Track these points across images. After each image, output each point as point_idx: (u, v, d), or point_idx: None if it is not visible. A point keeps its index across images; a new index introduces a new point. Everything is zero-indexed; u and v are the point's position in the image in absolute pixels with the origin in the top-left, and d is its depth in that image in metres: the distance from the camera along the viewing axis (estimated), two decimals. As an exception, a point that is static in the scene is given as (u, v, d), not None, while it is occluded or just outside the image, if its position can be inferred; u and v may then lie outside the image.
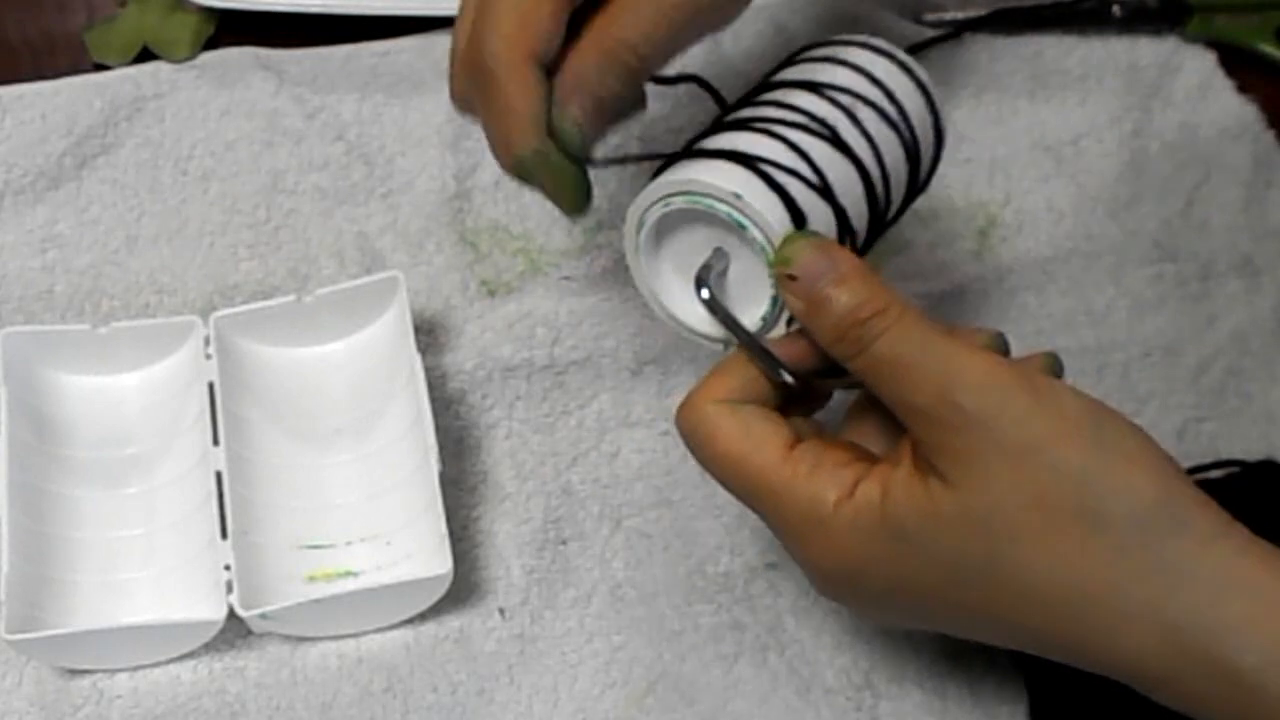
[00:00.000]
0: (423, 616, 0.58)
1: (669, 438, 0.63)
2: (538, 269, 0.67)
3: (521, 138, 0.50)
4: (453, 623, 0.58)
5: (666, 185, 0.49)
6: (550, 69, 0.50)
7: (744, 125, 0.50)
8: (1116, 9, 0.75)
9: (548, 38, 0.49)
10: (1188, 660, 0.42)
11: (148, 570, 0.58)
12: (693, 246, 0.50)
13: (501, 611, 0.59)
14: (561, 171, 0.51)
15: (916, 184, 0.54)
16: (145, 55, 0.71)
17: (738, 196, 0.47)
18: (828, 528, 0.46)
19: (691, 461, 0.62)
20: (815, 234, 0.48)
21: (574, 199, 0.52)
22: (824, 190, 0.49)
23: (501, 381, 0.64)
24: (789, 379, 0.48)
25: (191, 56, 0.71)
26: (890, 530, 0.45)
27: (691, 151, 0.50)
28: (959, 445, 0.43)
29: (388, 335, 0.62)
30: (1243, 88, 0.74)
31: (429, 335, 0.65)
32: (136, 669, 0.57)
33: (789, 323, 0.49)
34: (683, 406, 0.49)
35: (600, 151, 0.52)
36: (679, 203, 0.48)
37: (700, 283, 0.49)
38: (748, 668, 0.58)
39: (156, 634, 0.56)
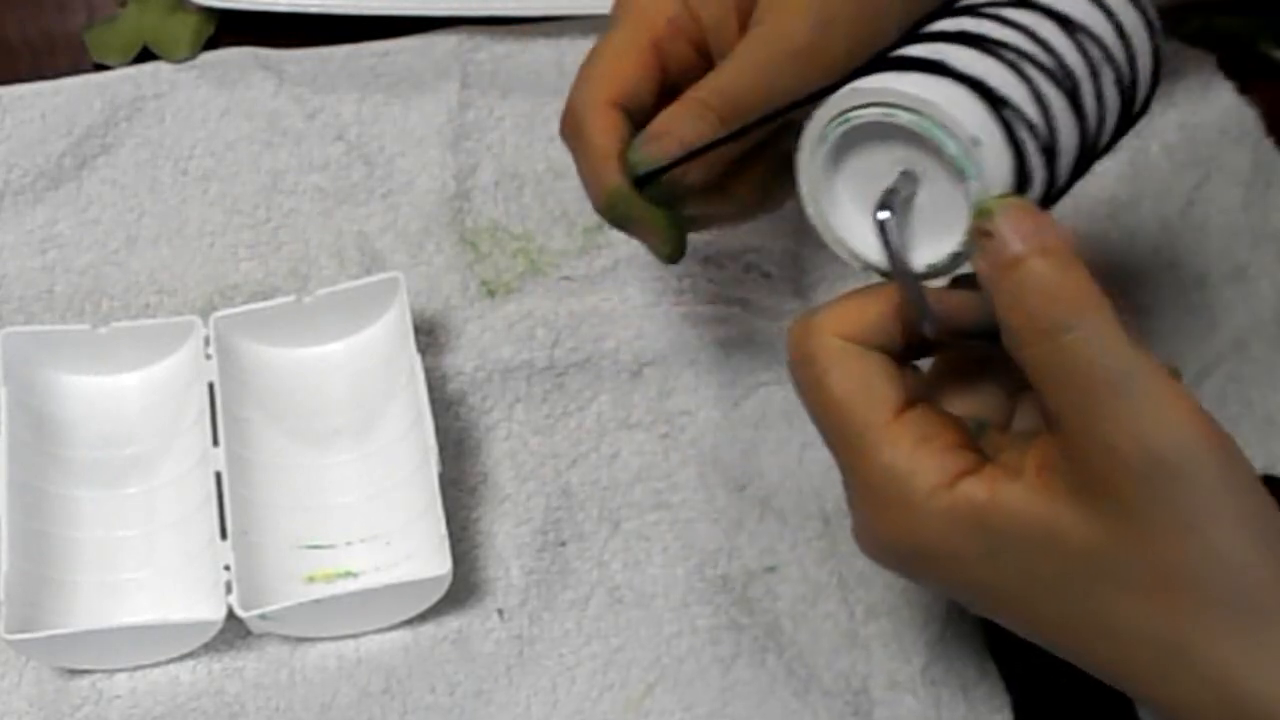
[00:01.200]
0: (422, 617, 0.58)
1: (669, 440, 0.63)
2: (538, 269, 0.67)
3: (601, 175, 0.51)
4: (452, 624, 0.58)
5: (892, 93, 0.43)
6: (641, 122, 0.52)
7: (985, 45, 0.44)
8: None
9: (632, 84, 0.52)
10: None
11: (147, 570, 0.58)
12: (877, 164, 0.45)
13: (500, 613, 0.59)
14: (647, 214, 0.51)
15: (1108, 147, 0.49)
16: (145, 55, 0.71)
17: (976, 143, 0.42)
18: (915, 510, 0.43)
19: (691, 465, 0.62)
20: (1027, 200, 0.43)
21: (663, 244, 0.53)
22: (1050, 153, 0.44)
23: (501, 383, 0.64)
24: (931, 332, 0.44)
25: (191, 56, 0.71)
26: (987, 535, 0.43)
27: (923, 62, 0.44)
28: (1130, 489, 0.40)
29: (388, 336, 0.62)
30: (1243, 89, 0.74)
31: (429, 335, 0.65)
32: (136, 669, 0.57)
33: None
34: (802, 328, 0.45)
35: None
36: (902, 118, 0.43)
37: (882, 205, 0.44)
38: (745, 670, 0.58)
39: (156, 634, 0.56)
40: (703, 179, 0.51)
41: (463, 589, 0.59)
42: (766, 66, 0.51)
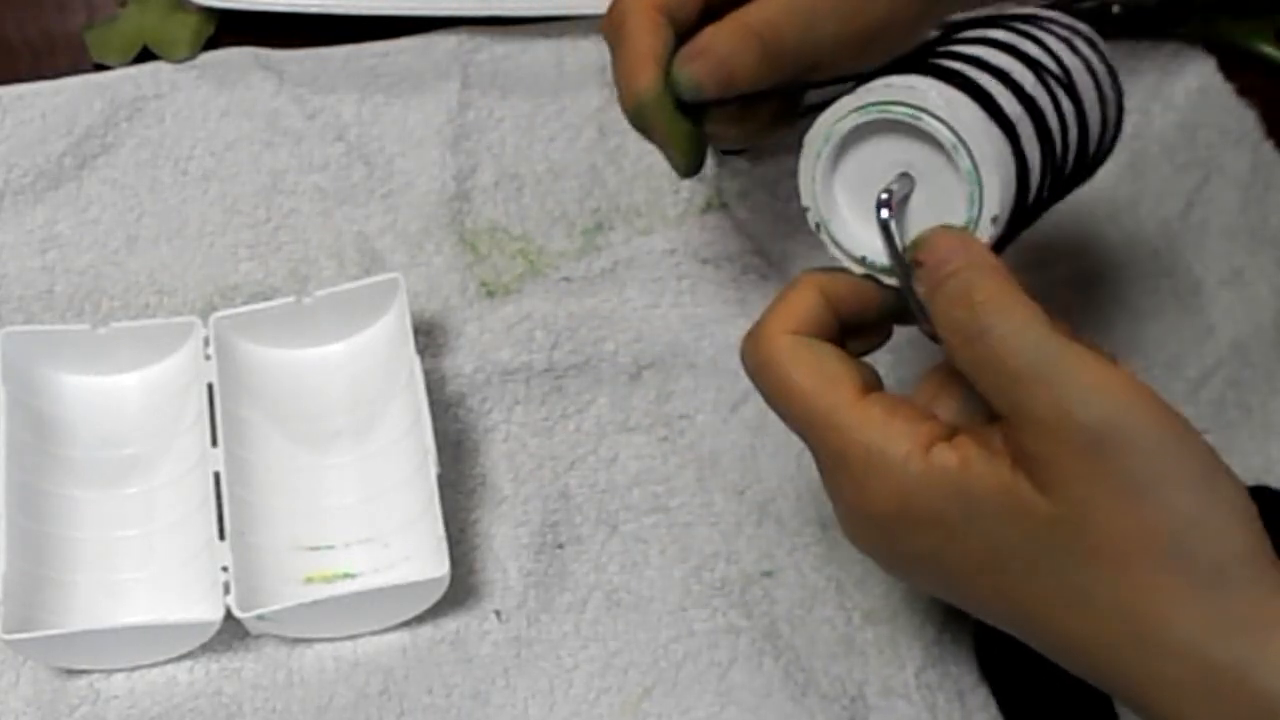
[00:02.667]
0: (419, 619, 0.58)
1: (667, 444, 0.63)
2: (537, 270, 0.67)
3: (635, 77, 0.52)
4: (449, 625, 0.58)
5: (919, 95, 0.46)
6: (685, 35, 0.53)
7: (993, 70, 0.48)
8: (1116, 9, 0.75)
9: None
10: (1215, 698, 0.41)
11: (146, 571, 0.58)
12: (871, 168, 0.48)
13: (498, 614, 0.59)
14: (674, 124, 0.53)
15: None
16: (145, 55, 0.71)
17: (982, 153, 0.45)
18: (892, 474, 0.45)
19: (689, 469, 0.62)
20: (960, 228, 0.47)
21: (682, 157, 0.54)
22: (1050, 155, 0.49)
23: (500, 385, 0.64)
24: (926, 329, 0.47)
25: (191, 56, 0.71)
26: (961, 501, 0.44)
27: (946, 71, 0.48)
28: (1070, 466, 0.42)
29: (387, 337, 0.62)
30: (1242, 91, 0.74)
31: (428, 336, 0.65)
32: (133, 669, 0.57)
33: None
34: (752, 337, 0.48)
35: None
36: (928, 123, 0.46)
37: (882, 204, 0.47)
38: (742, 674, 0.58)
39: (154, 635, 0.56)
40: (741, 94, 0.52)
41: (461, 590, 0.59)
42: (814, 7, 0.52)
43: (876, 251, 0.48)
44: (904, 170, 0.47)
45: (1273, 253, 0.69)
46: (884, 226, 0.46)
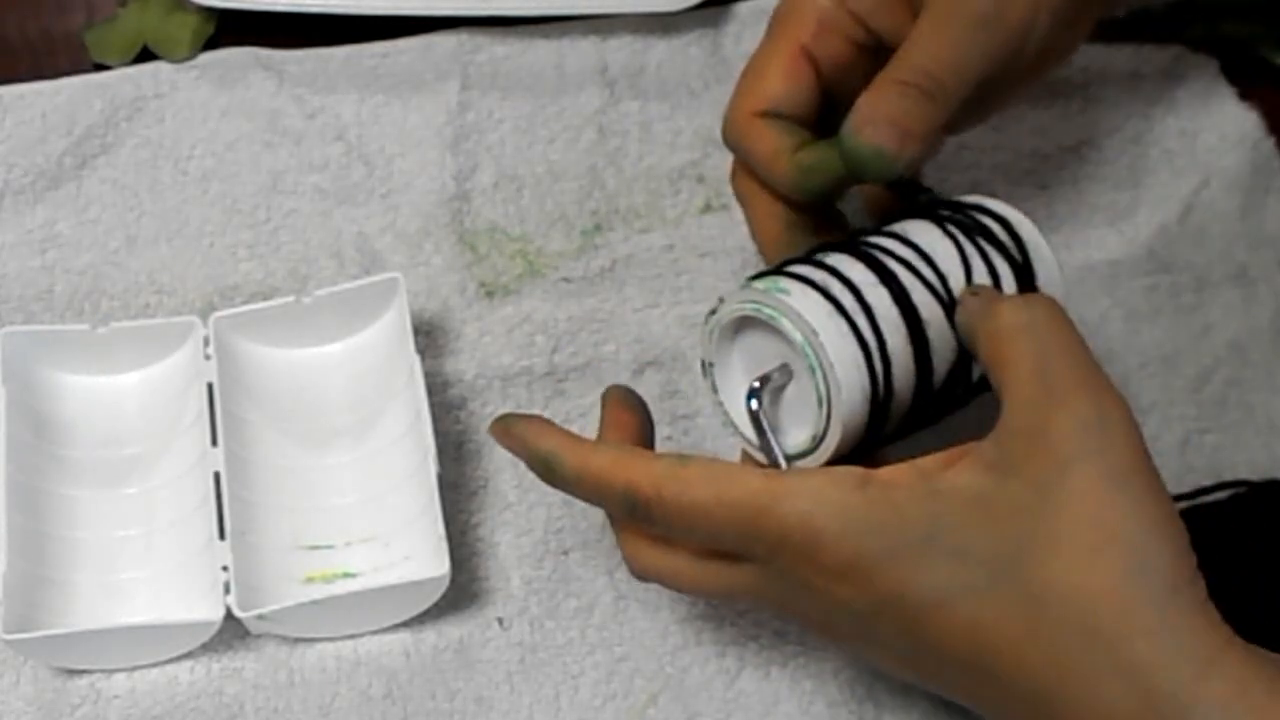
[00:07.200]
0: (422, 626, 0.58)
1: (671, 443, 0.63)
2: (536, 271, 0.67)
3: (776, 175, 0.55)
4: (453, 633, 0.58)
5: (785, 304, 0.49)
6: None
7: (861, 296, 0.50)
8: (1121, 13, 0.75)
9: (782, 93, 0.55)
10: None
11: (146, 570, 0.58)
12: (763, 354, 0.51)
13: (500, 621, 0.59)
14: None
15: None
16: (145, 55, 0.71)
17: (815, 334, 0.48)
18: (844, 517, 0.44)
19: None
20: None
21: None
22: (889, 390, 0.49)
23: (502, 389, 0.64)
24: None
25: (191, 56, 0.71)
26: (927, 510, 0.44)
27: (815, 285, 0.50)
28: (1049, 450, 0.43)
29: (387, 337, 0.62)
30: (1244, 95, 0.74)
31: (427, 337, 0.64)
32: (134, 669, 0.57)
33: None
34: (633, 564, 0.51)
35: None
36: (783, 325, 0.49)
37: (753, 392, 0.50)
38: (750, 681, 0.58)
39: (154, 634, 0.56)
40: (922, 157, 0.52)
41: (464, 597, 0.59)
42: (956, 38, 0.53)
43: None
44: (784, 362, 0.50)
45: (1272, 254, 0.70)
46: (754, 416, 0.50)
